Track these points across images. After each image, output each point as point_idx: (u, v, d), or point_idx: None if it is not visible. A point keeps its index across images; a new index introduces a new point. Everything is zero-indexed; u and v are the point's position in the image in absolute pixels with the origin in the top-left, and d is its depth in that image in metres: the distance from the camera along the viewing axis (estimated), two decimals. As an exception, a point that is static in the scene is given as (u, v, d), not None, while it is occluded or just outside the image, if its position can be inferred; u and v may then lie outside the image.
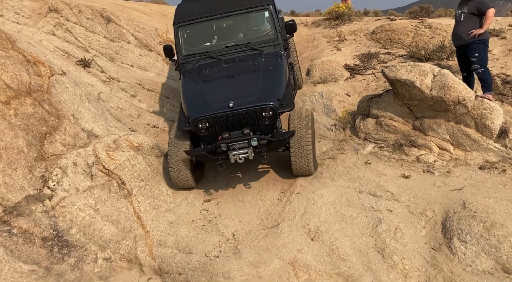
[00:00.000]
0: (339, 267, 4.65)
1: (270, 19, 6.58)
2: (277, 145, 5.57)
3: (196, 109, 5.67)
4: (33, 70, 6.75)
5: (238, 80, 5.91)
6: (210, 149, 5.57)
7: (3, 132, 5.70)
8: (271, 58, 6.27)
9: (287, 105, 5.67)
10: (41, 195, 5.53)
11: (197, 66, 6.45)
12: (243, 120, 5.51)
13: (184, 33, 6.72)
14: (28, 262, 4.80)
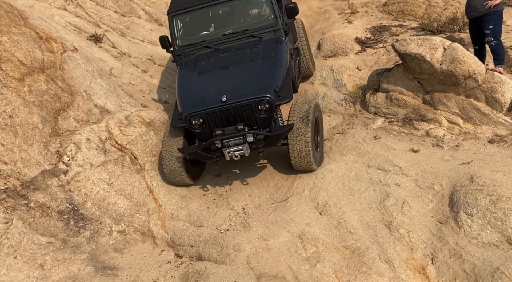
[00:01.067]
0: (346, 240, 4.75)
1: (268, 3, 6.18)
2: (274, 140, 5.28)
3: (189, 105, 5.43)
4: (46, 46, 6.82)
5: (233, 71, 5.62)
6: (204, 146, 5.33)
7: (18, 108, 5.82)
8: (270, 45, 5.92)
9: (285, 96, 5.35)
10: (57, 169, 5.69)
11: (194, 57, 6.14)
12: (238, 115, 5.24)
13: (179, 22, 6.42)
14: (45, 234, 4.98)
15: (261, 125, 5.33)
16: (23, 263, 4.63)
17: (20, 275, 4.51)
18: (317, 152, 5.70)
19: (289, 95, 5.43)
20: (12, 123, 5.67)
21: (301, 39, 7.37)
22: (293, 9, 6.17)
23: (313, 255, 4.61)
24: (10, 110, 5.73)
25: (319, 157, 5.76)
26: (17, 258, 4.63)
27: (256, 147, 5.22)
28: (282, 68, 5.59)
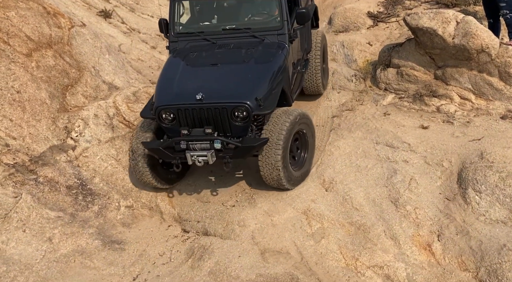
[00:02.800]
0: (351, 217, 4.72)
1: (278, 3, 5.54)
2: (243, 153, 4.75)
3: (162, 97, 4.96)
4: (53, 22, 6.79)
5: (220, 69, 5.16)
6: (168, 144, 4.85)
7: (26, 84, 5.84)
8: (269, 49, 5.38)
9: (267, 107, 4.79)
10: (65, 145, 5.73)
11: (188, 47, 5.65)
12: (212, 118, 4.75)
13: (181, 8, 5.89)
14: (54, 209, 5.05)
15: (235, 134, 4.84)
16: (32, 236, 4.70)
17: (29, 248, 4.59)
18: (296, 170, 5.15)
19: (271, 107, 4.86)
20: (20, 99, 5.70)
21: (315, 52, 6.65)
22: (303, 15, 5.49)
23: (318, 231, 4.60)
24: (18, 86, 5.75)
25: (299, 175, 5.18)
26: (26, 232, 4.71)
27: (223, 156, 4.73)
28: (273, 76, 5.08)
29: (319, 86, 6.71)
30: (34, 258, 4.52)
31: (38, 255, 4.56)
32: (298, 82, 6.08)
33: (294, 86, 5.89)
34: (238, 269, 4.21)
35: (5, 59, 5.83)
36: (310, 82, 6.64)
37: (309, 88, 6.70)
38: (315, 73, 6.60)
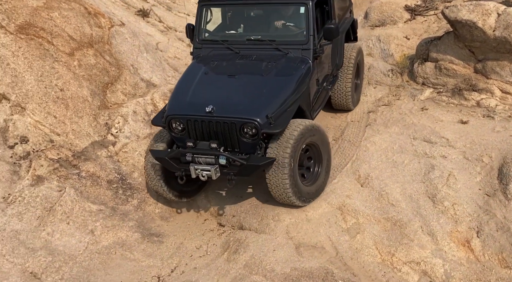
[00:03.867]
0: (387, 212, 4.68)
1: (305, 17, 5.25)
2: (247, 171, 4.58)
3: (174, 105, 4.87)
4: (94, 21, 7.02)
5: (236, 82, 5.01)
6: (175, 155, 4.73)
7: (69, 82, 6.07)
8: (290, 64, 5.14)
9: (277, 125, 4.54)
10: (105, 141, 5.92)
11: (211, 55, 5.50)
12: (221, 132, 4.62)
13: (209, 14, 5.72)
14: (96, 202, 5.23)
15: (244, 150, 4.68)
16: (75, 228, 4.89)
17: (72, 240, 4.78)
18: (308, 185, 4.92)
19: (283, 125, 4.59)
20: (63, 97, 5.93)
21: (347, 68, 6.31)
22: (330, 31, 5.18)
23: (353, 227, 4.59)
24: (61, 84, 5.98)
25: (313, 190, 4.94)
26: (70, 224, 4.90)
27: (227, 173, 4.58)
28: (290, 93, 4.84)
29: (348, 103, 6.44)
30: (77, 249, 4.71)
31: (81, 246, 4.74)
32: (321, 99, 5.79)
33: (316, 104, 5.59)
34: (273, 263, 4.25)
35: (49, 59, 6.08)
36: (339, 98, 6.38)
37: (338, 104, 6.46)
38: (345, 90, 6.31)
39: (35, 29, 6.18)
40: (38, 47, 6.06)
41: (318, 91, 5.59)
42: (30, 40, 6.04)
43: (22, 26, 6.11)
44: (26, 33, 6.08)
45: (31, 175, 5.15)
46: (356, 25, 6.78)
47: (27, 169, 5.21)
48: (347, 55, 6.33)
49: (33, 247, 4.55)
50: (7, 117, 5.46)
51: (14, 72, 5.72)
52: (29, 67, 5.84)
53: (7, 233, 4.55)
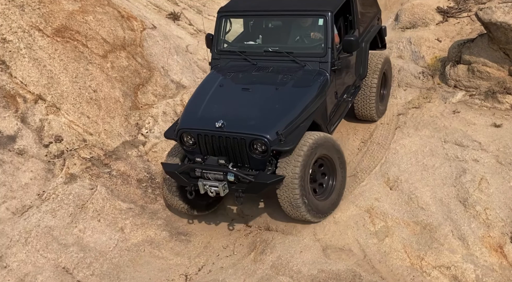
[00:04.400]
0: (417, 216, 4.61)
1: (323, 29, 5.07)
2: (256, 188, 4.49)
3: (186, 119, 4.81)
4: (127, 25, 7.18)
5: (250, 95, 4.90)
6: (185, 169, 4.66)
7: (102, 83, 6.23)
8: (307, 77, 4.98)
9: (287, 142, 4.39)
10: (136, 141, 6.05)
11: (229, 66, 5.38)
12: (231, 147, 4.53)
13: (228, 25, 5.58)
14: (126, 200, 5.34)
15: (253, 166, 4.60)
16: (106, 226, 5.01)
17: (103, 237, 4.89)
18: (322, 199, 4.74)
19: (294, 142, 4.43)
20: (96, 97, 6.08)
21: (371, 79, 5.99)
22: (349, 43, 5.01)
23: (382, 230, 4.54)
24: (94, 85, 6.14)
25: (328, 204, 4.77)
26: (101, 221, 5.02)
27: (236, 189, 4.51)
28: (303, 108, 4.69)
29: (372, 114, 6.15)
30: (108, 246, 4.82)
31: (111, 243, 4.85)
32: (340, 111, 5.57)
33: (334, 117, 5.39)
34: (300, 264, 4.24)
35: (83, 61, 6.25)
36: (362, 109, 6.12)
37: (361, 114, 6.20)
38: (369, 101, 6.03)
39: (70, 32, 6.37)
40: (73, 49, 6.24)
41: (337, 104, 5.40)
42: (65, 42, 6.23)
43: (58, 29, 6.30)
44: (62, 36, 6.27)
45: (64, 173, 5.30)
46: (384, 33, 6.52)
47: (61, 167, 5.37)
48: (372, 65, 6.06)
49: (65, 243, 4.68)
50: (42, 117, 5.64)
51: (50, 74, 5.91)
52: (64, 69, 6.02)
53: (41, 229, 4.70)
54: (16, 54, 5.83)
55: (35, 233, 4.65)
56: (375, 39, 6.31)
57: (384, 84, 6.46)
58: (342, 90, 5.52)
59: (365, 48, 5.85)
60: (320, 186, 4.83)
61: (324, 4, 5.21)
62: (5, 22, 5.98)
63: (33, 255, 4.48)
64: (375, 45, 6.42)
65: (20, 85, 5.69)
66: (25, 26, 6.07)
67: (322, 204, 4.71)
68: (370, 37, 6.07)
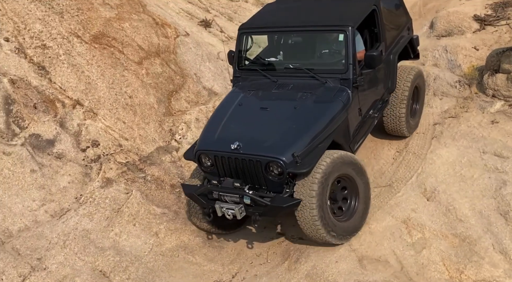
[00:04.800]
0: (455, 228, 4.51)
1: (344, 44, 4.85)
2: (272, 212, 4.42)
3: (204, 140, 4.76)
4: (161, 32, 7.29)
5: (267, 115, 4.76)
6: (202, 191, 4.62)
7: (137, 90, 6.33)
8: (327, 94, 4.80)
9: (304, 165, 4.24)
10: (169, 146, 6.11)
11: (250, 83, 5.25)
12: (247, 169, 4.44)
13: (248, 41, 5.45)
14: (160, 205, 5.39)
15: (270, 188, 4.47)
16: (141, 230, 5.06)
17: (138, 241, 4.94)
18: (344, 220, 4.57)
19: (311, 164, 4.28)
20: (132, 103, 6.18)
21: (401, 93, 5.71)
22: (372, 59, 4.79)
23: (419, 241, 4.45)
24: (130, 91, 6.25)
25: (350, 226, 4.58)
26: (136, 226, 5.08)
27: (253, 212, 4.41)
28: (322, 128, 4.51)
29: (402, 130, 5.87)
30: (143, 250, 4.86)
31: (146, 248, 4.90)
32: (365, 129, 5.33)
33: (358, 135, 5.16)
34: (336, 274, 4.19)
35: (119, 67, 6.37)
36: (391, 124, 5.84)
37: (390, 129, 5.93)
38: (398, 116, 5.75)
39: (107, 39, 6.51)
40: (110, 56, 6.37)
41: (362, 121, 5.19)
42: (103, 49, 6.36)
43: (96, 36, 6.45)
44: (99, 43, 6.41)
45: (101, 177, 5.39)
46: (416, 43, 6.22)
47: (97, 171, 5.47)
48: (402, 78, 5.77)
49: (102, 246, 4.75)
50: (80, 122, 5.76)
51: (88, 80, 6.04)
52: (101, 75, 6.15)
53: (78, 232, 4.78)
54: (55, 60, 5.98)
55: (73, 236, 4.73)
56: (406, 49, 6.06)
57: (417, 98, 6.21)
58: (368, 106, 5.30)
59: (393, 60, 5.61)
60: (342, 207, 4.67)
61: (345, 18, 4.98)
62: (45, 28, 6.15)
63: (71, 258, 4.55)
64: (407, 55, 6.22)
65: (59, 90, 5.83)
66: (64, 33, 6.23)
67: (344, 225, 4.53)
68: (399, 48, 5.81)
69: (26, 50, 5.89)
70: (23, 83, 5.65)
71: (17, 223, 4.78)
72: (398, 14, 6.09)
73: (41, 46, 5.99)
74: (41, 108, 5.61)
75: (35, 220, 4.87)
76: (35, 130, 5.43)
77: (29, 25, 6.03)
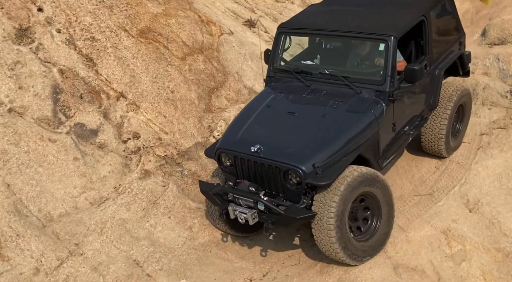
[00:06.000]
0: (499, 242, 4.32)
1: (384, 55, 4.60)
2: (285, 222, 4.24)
3: (226, 138, 4.66)
4: (206, 29, 7.36)
5: (294, 120, 4.59)
6: (219, 191, 4.51)
7: (179, 85, 6.40)
8: (359, 105, 4.57)
9: (324, 177, 4.03)
10: (207, 143, 6.14)
11: (283, 85, 5.08)
12: (265, 174, 4.30)
13: (286, 41, 5.28)
14: (195, 200, 5.43)
15: (287, 196, 4.31)
16: (175, 223, 5.11)
17: (172, 234, 4.99)
18: (362, 240, 4.35)
19: (332, 177, 4.06)
20: (173, 98, 6.26)
21: (443, 110, 5.36)
22: (412, 73, 4.51)
23: (459, 253, 4.29)
24: (172, 86, 6.33)
25: (368, 247, 4.34)
26: (171, 218, 5.13)
27: (266, 220, 4.27)
28: (348, 141, 4.31)
29: (440, 150, 5.51)
30: (176, 243, 4.91)
31: (180, 241, 4.94)
32: (398, 145, 5.03)
33: (389, 151, 4.89)
34: (369, 280, 4.10)
35: (163, 62, 6.46)
36: (429, 143, 5.51)
37: (428, 148, 5.59)
38: (437, 135, 5.40)
39: (153, 34, 6.62)
40: (155, 51, 6.47)
41: (395, 137, 4.92)
42: (148, 43, 6.48)
43: (142, 30, 6.57)
44: (145, 37, 6.53)
45: (140, 169, 5.48)
46: (467, 59, 5.82)
47: (136, 163, 5.56)
48: (446, 95, 5.40)
49: (137, 236, 4.82)
50: (123, 114, 5.88)
51: (132, 73, 6.16)
52: (145, 69, 6.26)
53: (116, 221, 4.88)
54: (103, 53, 6.13)
55: (110, 224, 4.83)
56: (455, 65, 5.69)
57: (462, 118, 5.84)
58: (404, 121, 5.02)
59: (438, 76, 5.29)
60: (362, 226, 4.44)
61: (389, 27, 4.71)
62: (95, 21, 6.31)
63: (107, 245, 4.65)
64: (456, 72, 5.80)
65: (104, 82, 5.98)
66: (113, 26, 6.38)
67: (363, 246, 4.31)
68: (446, 64, 5.45)
69: (76, 42, 6.07)
70: (71, 74, 5.82)
71: (58, 208, 4.92)
72: (450, 27, 5.68)
73: (90, 39, 6.15)
74: (86, 99, 5.76)
75: (75, 207, 5.00)
76: (80, 120, 5.58)
77: (80, 18, 6.21)
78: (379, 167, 4.68)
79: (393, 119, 4.81)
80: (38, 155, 5.13)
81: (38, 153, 5.14)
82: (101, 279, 4.36)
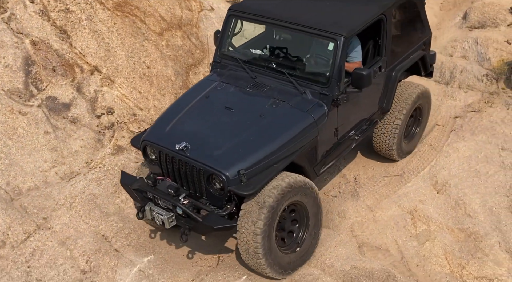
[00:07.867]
0: (463, 223, 4.40)
1: (332, 55, 4.23)
2: (202, 230, 3.98)
3: (154, 130, 4.31)
4: (185, 4, 7.23)
5: (229, 117, 4.22)
6: (139, 187, 4.16)
7: (156, 60, 6.32)
8: (301, 107, 4.21)
9: (249, 185, 3.72)
10: (183, 120, 6.11)
11: (226, 73, 4.73)
12: (190, 175, 3.97)
13: (238, 25, 4.91)
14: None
15: (211, 200, 3.98)
16: (147, 199, 5.09)
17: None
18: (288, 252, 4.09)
19: (255, 187, 3.73)
20: (149, 74, 6.19)
21: (397, 114, 5.02)
22: (359, 78, 4.16)
23: (423, 233, 4.37)
24: (148, 62, 6.25)
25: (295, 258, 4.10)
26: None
27: (183, 225, 3.98)
28: (280, 146, 3.99)
29: (391, 154, 5.23)
30: (146, 218, 4.89)
31: (150, 216, 4.93)
32: (339, 151, 4.67)
33: (329, 157, 4.56)
34: (333, 258, 4.16)
35: (140, 37, 6.36)
36: (380, 144, 5.22)
37: (378, 149, 5.31)
38: (388, 139, 5.09)
39: (130, 7, 6.50)
40: (131, 25, 6.36)
41: (336, 143, 4.61)
42: (124, 17, 6.36)
43: (119, 3, 6.44)
44: (122, 11, 6.40)
45: (112, 145, 5.44)
46: (431, 60, 5.46)
47: (110, 139, 5.52)
48: (402, 97, 5.04)
49: (107, 211, 4.81)
50: (97, 89, 5.80)
51: (107, 47, 6.06)
52: (121, 43, 6.15)
53: (85, 196, 4.85)
54: (77, 25, 6.01)
55: (79, 199, 4.81)
56: (417, 66, 5.34)
57: (418, 121, 5.52)
58: (349, 126, 4.71)
59: (393, 78, 4.89)
60: (288, 237, 4.15)
61: (341, 25, 4.28)
62: (70, -7, 6.17)
63: (76, 220, 4.63)
64: (418, 72, 5.47)
65: (78, 55, 5.88)
66: (88, -1, 6.25)
67: (288, 258, 4.06)
68: (405, 65, 5.08)
69: (49, 13, 5.94)
70: (44, 46, 5.71)
71: (27, 182, 4.88)
72: (414, 27, 5.26)
73: (64, 10, 6.02)
74: (59, 72, 5.67)
75: (45, 181, 4.97)
76: (52, 93, 5.50)
77: (54, -11, 6.07)
78: (315, 174, 4.40)
79: (336, 124, 4.50)
80: (8, 127, 5.06)
81: (7, 125, 5.07)
82: (68, 253, 4.36)
